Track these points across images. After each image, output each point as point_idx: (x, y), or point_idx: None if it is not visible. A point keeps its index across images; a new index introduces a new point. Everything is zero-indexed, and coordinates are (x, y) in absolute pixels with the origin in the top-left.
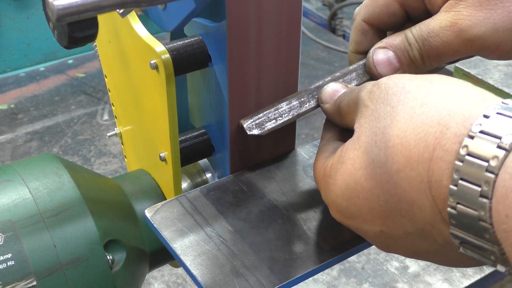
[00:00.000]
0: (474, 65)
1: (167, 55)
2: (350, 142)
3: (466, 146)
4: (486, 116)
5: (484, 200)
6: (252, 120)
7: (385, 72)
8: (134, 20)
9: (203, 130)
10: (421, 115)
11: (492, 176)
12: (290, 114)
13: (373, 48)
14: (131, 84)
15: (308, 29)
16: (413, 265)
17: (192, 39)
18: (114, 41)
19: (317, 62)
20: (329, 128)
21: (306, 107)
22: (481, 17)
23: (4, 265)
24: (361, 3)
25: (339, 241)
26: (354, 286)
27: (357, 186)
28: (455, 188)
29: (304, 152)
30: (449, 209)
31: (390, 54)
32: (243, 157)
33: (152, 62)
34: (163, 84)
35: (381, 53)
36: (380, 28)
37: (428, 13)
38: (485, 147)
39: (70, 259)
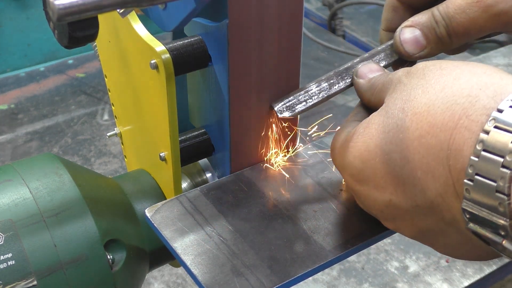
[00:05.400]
0: None
1: (167, 55)
2: (377, 111)
3: (494, 119)
4: None
5: (505, 170)
6: (282, 103)
7: (412, 50)
8: (134, 20)
9: (203, 130)
10: (452, 87)
11: None
12: (320, 96)
13: (400, 28)
14: (131, 84)
15: (308, 29)
16: (413, 265)
17: (192, 39)
18: (114, 41)
19: (317, 62)
20: (359, 113)
21: (335, 88)
22: None
23: (5, 264)
24: (361, 3)
25: (339, 241)
26: (354, 286)
27: (376, 148)
28: (476, 159)
29: (304, 152)
30: (466, 180)
31: (417, 32)
32: (243, 157)
33: (152, 62)
34: (163, 84)
35: (407, 32)
36: (411, 5)
37: None
38: None
39: (70, 258)
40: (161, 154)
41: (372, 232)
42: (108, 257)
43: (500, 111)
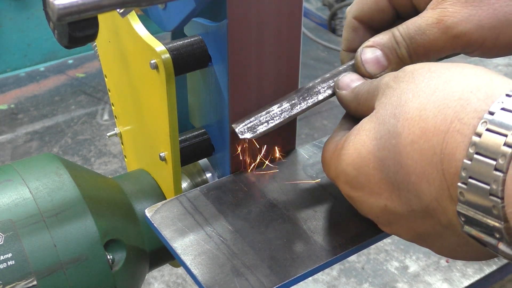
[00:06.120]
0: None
1: (167, 55)
2: (367, 117)
3: (485, 121)
4: (508, 95)
5: (498, 173)
6: (244, 124)
7: (374, 70)
8: (134, 20)
9: (203, 130)
10: (443, 90)
11: (510, 150)
12: (282, 116)
13: (361, 47)
14: (131, 84)
15: (308, 29)
16: (413, 265)
17: (192, 39)
18: (114, 41)
19: (317, 62)
20: (346, 123)
21: (297, 109)
22: (466, 14)
23: (4, 264)
24: None
25: (339, 241)
26: (354, 286)
27: (369, 155)
28: (469, 162)
29: (304, 152)
30: (459, 183)
31: (378, 52)
32: (243, 157)
33: (152, 62)
34: (163, 84)
35: (369, 52)
36: (371, 26)
37: (416, 10)
38: (504, 124)
39: (70, 258)
40: (161, 154)
41: (371, 232)
42: (108, 257)
43: (491, 113)
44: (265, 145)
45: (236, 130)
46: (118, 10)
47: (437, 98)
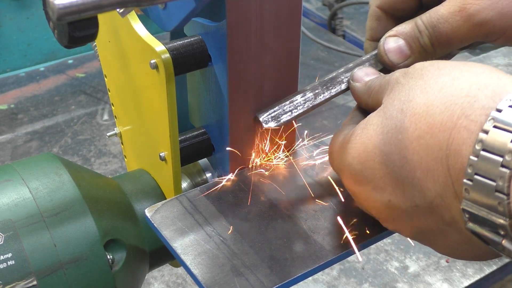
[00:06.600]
0: None
1: (167, 55)
2: (375, 111)
3: (493, 118)
4: None
5: (505, 170)
6: (267, 113)
7: (396, 59)
8: (134, 20)
9: (203, 130)
10: (451, 87)
11: None
12: (305, 106)
13: (384, 37)
14: (131, 84)
15: (308, 29)
16: (413, 265)
17: (192, 39)
18: (114, 41)
19: (317, 62)
20: (356, 116)
21: (320, 98)
22: (489, 1)
23: (4, 264)
24: (361, 3)
25: (339, 241)
26: (354, 286)
27: (375, 149)
28: (475, 159)
29: (304, 152)
30: (465, 180)
31: (401, 42)
32: (243, 157)
33: (152, 61)
34: (163, 84)
35: (391, 42)
36: (394, 15)
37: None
38: None
39: (70, 258)
40: (161, 154)
41: (372, 232)
42: (108, 257)
43: (499, 110)
44: (266, 145)
45: (260, 119)
46: (118, 10)
47: (444, 94)
